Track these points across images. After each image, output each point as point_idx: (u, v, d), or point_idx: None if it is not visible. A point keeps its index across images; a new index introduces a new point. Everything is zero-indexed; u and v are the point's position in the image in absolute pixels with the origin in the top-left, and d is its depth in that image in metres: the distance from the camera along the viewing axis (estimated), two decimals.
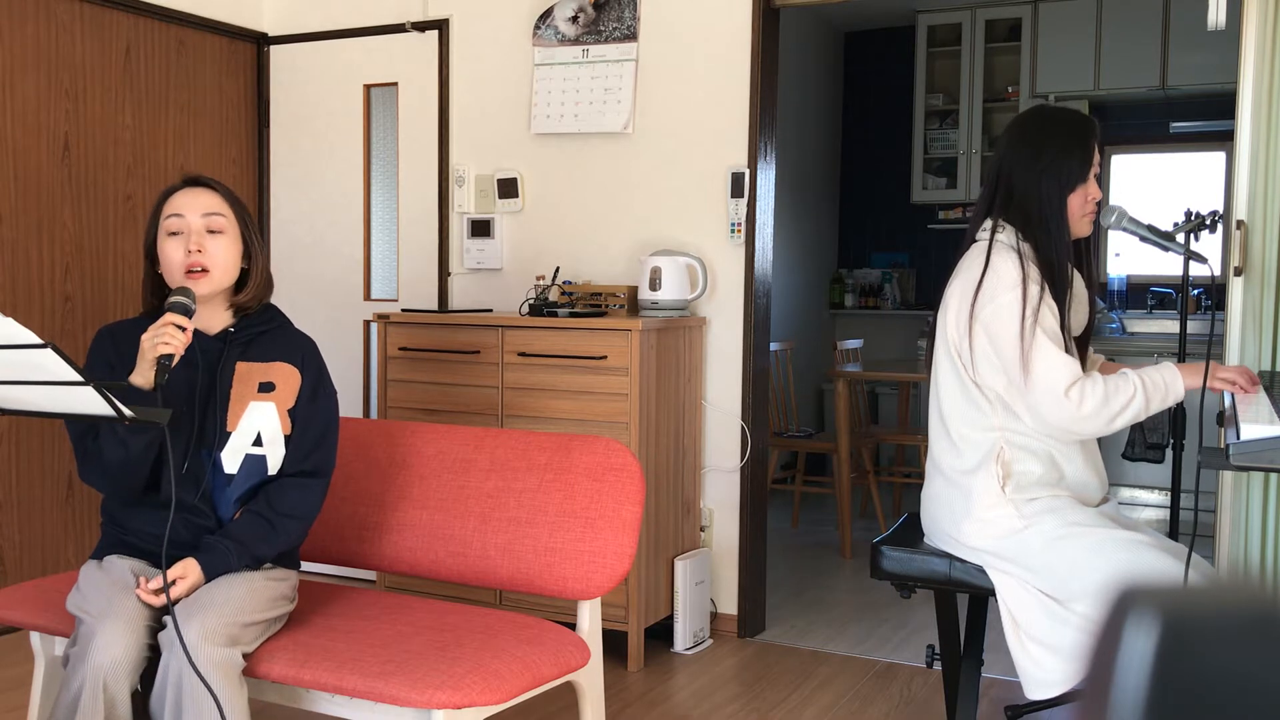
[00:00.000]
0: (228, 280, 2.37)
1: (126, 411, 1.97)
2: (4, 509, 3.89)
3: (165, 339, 2.14)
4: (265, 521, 2.29)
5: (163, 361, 2.13)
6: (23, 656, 3.53)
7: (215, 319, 2.39)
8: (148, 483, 2.28)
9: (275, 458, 2.35)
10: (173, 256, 2.32)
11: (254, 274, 2.41)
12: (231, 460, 2.31)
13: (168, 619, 2.10)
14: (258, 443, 2.33)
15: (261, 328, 2.42)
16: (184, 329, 2.17)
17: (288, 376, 2.39)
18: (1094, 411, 2.21)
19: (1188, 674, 0.48)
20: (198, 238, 2.31)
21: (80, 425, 2.27)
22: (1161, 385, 2.24)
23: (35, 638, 2.50)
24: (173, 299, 2.22)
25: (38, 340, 1.83)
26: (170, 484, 2.21)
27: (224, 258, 2.34)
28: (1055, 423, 2.25)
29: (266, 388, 2.36)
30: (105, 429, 2.20)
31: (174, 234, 2.32)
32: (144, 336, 2.17)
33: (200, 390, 2.32)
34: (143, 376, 2.17)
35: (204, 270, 2.31)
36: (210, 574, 2.21)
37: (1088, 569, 2.21)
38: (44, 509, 4.01)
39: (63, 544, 4.07)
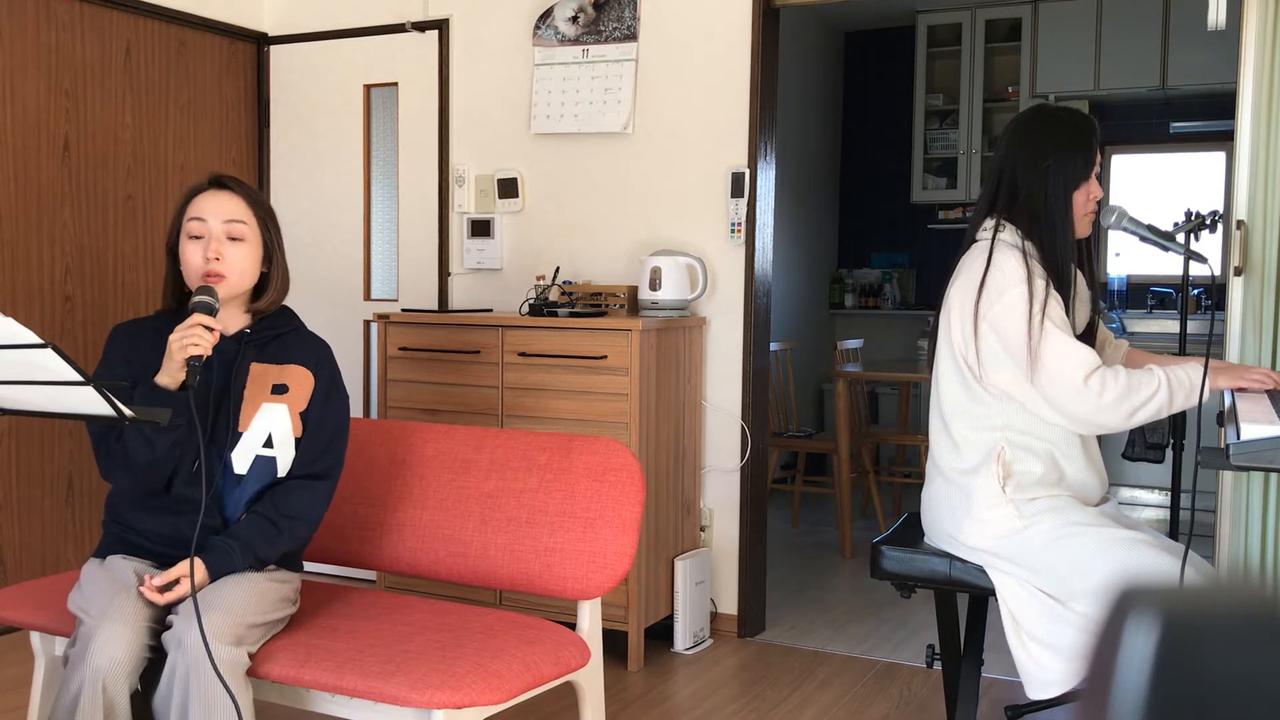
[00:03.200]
0: (244, 286, 2.36)
1: (127, 411, 1.97)
2: (4, 509, 3.89)
3: (194, 339, 2.13)
4: (269, 523, 2.28)
5: (192, 363, 2.13)
6: (23, 656, 3.53)
7: (231, 320, 2.39)
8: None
9: (285, 460, 2.35)
10: (192, 260, 2.32)
11: (274, 279, 2.41)
12: (242, 461, 2.31)
13: (172, 618, 2.10)
14: (268, 444, 2.33)
15: (277, 330, 2.42)
16: (211, 329, 2.16)
17: (302, 379, 2.39)
18: (1115, 401, 2.19)
19: (1188, 674, 0.48)
20: (217, 244, 2.31)
21: (101, 424, 2.27)
22: (1186, 383, 2.21)
23: (35, 638, 2.50)
24: (197, 299, 2.21)
25: (38, 340, 1.83)
26: (201, 486, 2.20)
27: (242, 265, 2.33)
28: (1075, 414, 2.22)
29: (280, 389, 2.36)
30: (131, 429, 2.19)
31: (195, 237, 2.32)
32: (172, 337, 2.16)
33: (214, 390, 2.32)
34: (170, 377, 2.17)
35: (220, 276, 2.30)
36: (214, 573, 2.21)
37: (1088, 569, 2.21)
38: (44, 509, 4.01)
39: (63, 544, 4.07)
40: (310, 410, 2.38)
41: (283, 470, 2.35)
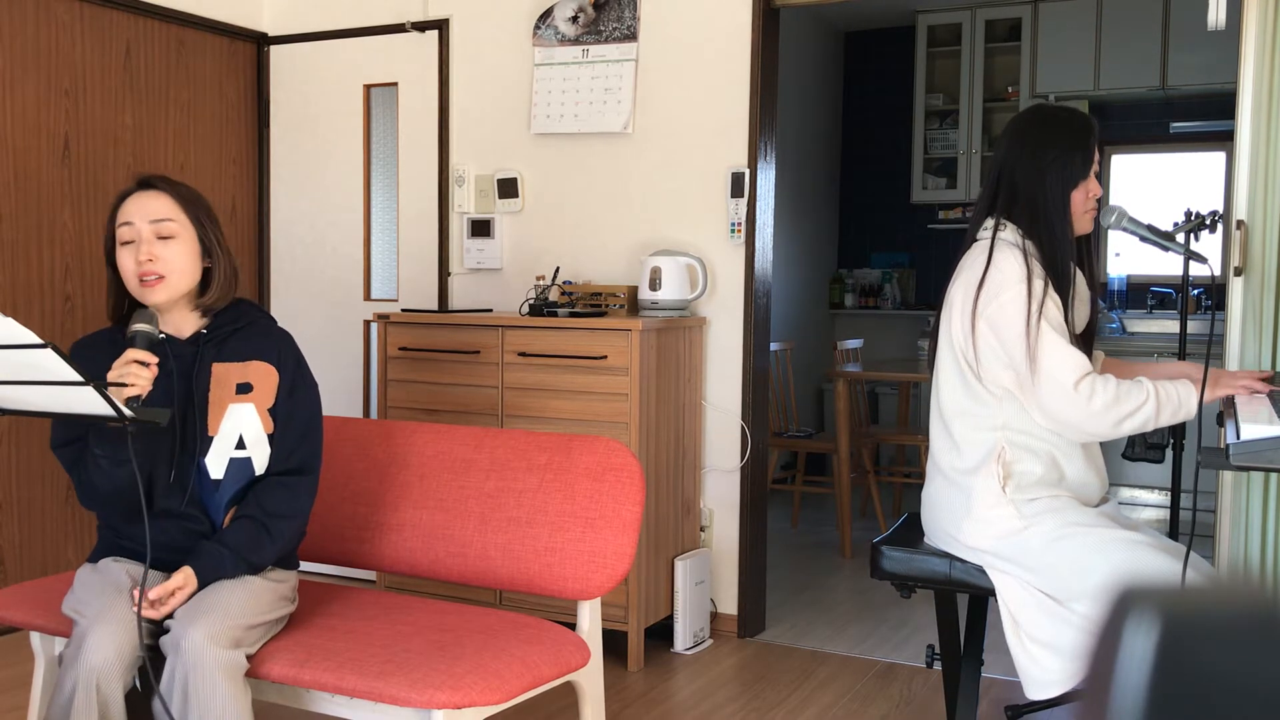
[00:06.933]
0: (186, 284, 2.31)
1: (126, 411, 1.97)
2: (4, 509, 3.89)
3: (130, 379, 2.07)
4: (258, 524, 2.27)
5: (130, 403, 2.06)
6: (23, 656, 3.53)
7: (185, 323, 2.35)
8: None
9: (260, 458, 2.33)
10: (126, 266, 2.28)
11: (217, 273, 2.34)
12: (216, 465, 2.29)
13: (169, 622, 2.11)
14: (240, 445, 2.30)
15: (233, 326, 2.37)
16: (148, 364, 2.10)
17: (265, 375, 2.36)
18: (1103, 409, 2.20)
19: (1188, 674, 0.48)
20: (148, 246, 2.26)
21: (69, 456, 2.25)
22: (1175, 398, 2.23)
23: (35, 638, 2.50)
24: (134, 328, 2.15)
25: (38, 340, 1.83)
26: (179, 494, 2.19)
27: (179, 263, 2.28)
28: (1063, 418, 2.24)
29: (244, 389, 2.33)
30: (90, 463, 2.18)
31: (126, 243, 2.28)
32: (110, 376, 2.09)
33: (178, 397, 2.29)
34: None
35: (159, 277, 2.26)
36: (203, 579, 2.19)
37: (1088, 569, 2.21)
38: (44, 509, 4.01)
39: (63, 544, 4.07)
40: (278, 406, 2.34)
41: (259, 469, 2.32)
